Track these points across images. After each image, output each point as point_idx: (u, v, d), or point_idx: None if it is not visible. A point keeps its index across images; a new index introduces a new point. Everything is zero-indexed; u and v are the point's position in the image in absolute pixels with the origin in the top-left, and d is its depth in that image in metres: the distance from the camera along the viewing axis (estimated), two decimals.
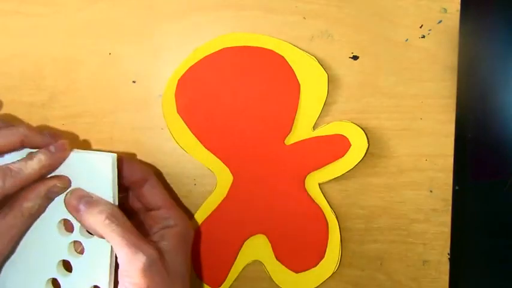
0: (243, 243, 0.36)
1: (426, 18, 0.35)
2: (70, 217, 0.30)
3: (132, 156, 0.36)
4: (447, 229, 0.36)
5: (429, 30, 0.35)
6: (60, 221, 0.31)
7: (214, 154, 0.35)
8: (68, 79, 0.36)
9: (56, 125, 0.36)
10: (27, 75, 0.36)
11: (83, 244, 0.31)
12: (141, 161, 0.36)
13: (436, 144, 0.36)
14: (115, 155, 0.30)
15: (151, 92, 0.36)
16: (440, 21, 0.35)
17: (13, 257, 0.31)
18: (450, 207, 0.36)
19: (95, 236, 0.30)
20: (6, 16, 0.36)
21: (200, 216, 0.36)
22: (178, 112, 0.35)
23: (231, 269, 0.36)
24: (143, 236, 0.30)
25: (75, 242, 0.31)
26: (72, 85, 0.36)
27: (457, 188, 0.37)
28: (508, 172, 0.41)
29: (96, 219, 0.29)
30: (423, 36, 0.35)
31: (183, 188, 0.37)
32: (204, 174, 0.36)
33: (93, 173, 0.30)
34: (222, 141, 0.35)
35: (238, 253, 0.36)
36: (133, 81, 0.36)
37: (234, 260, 0.36)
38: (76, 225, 0.31)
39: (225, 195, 0.36)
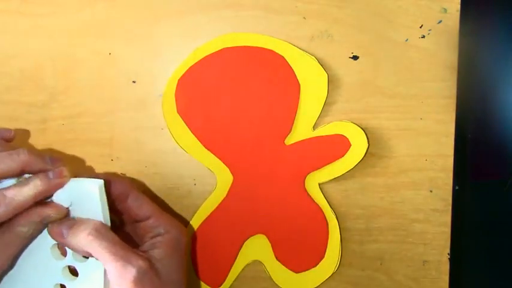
0: (243, 243, 0.36)
1: (426, 18, 0.35)
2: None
3: (111, 174, 0.36)
4: (447, 229, 0.36)
5: (429, 30, 0.35)
6: (53, 246, 0.31)
7: (214, 154, 0.35)
8: (68, 79, 0.36)
9: (56, 125, 0.36)
10: (27, 75, 0.36)
11: (77, 268, 0.31)
12: (119, 176, 0.36)
13: (436, 144, 0.36)
14: (102, 181, 0.30)
15: (151, 92, 0.36)
16: (440, 21, 0.35)
17: (12, 275, 0.31)
18: (450, 207, 0.36)
19: (88, 260, 0.30)
20: (6, 16, 0.36)
21: (200, 216, 0.36)
22: (178, 112, 0.35)
23: (231, 269, 0.36)
24: (134, 247, 0.30)
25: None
26: (72, 85, 0.36)
27: (457, 188, 0.37)
28: (508, 172, 0.41)
29: (80, 237, 0.29)
30: (423, 36, 0.35)
31: (183, 188, 0.37)
32: (204, 174, 0.36)
33: (82, 199, 0.30)
34: (222, 141, 0.35)
35: (238, 253, 0.36)
36: (133, 81, 0.36)
37: (234, 260, 0.36)
38: (69, 249, 0.31)
39: (225, 195, 0.36)
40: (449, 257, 0.36)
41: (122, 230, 0.33)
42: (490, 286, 0.42)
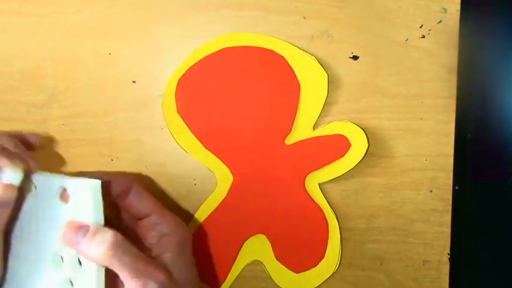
0: (243, 243, 0.36)
1: (426, 18, 0.35)
2: (59, 251, 0.30)
3: (114, 172, 0.36)
4: (447, 229, 0.36)
5: (429, 30, 0.35)
6: (53, 255, 0.30)
7: (214, 154, 0.35)
8: (68, 79, 0.36)
9: (56, 125, 0.36)
10: (27, 75, 0.36)
11: (72, 279, 0.30)
12: (120, 172, 0.36)
13: (436, 144, 0.36)
14: (99, 182, 0.29)
15: (151, 92, 0.36)
16: (440, 21, 0.35)
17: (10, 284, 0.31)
18: (450, 207, 0.36)
19: (81, 268, 0.29)
20: (6, 16, 0.36)
21: (200, 216, 0.36)
22: (178, 112, 0.35)
23: (231, 269, 0.36)
24: (138, 248, 0.29)
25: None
26: (72, 85, 0.36)
27: (457, 188, 0.37)
28: (508, 172, 0.41)
29: (98, 251, 0.28)
30: (423, 36, 0.35)
31: (183, 188, 0.37)
32: (204, 174, 0.36)
33: (78, 198, 0.29)
34: (222, 141, 0.35)
35: (238, 253, 0.36)
36: (134, 81, 0.36)
37: (234, 260, 0.36)
38: (65, 258, 0.30)
39: (225, 195, 0.36)
40: (449, 257, 0.36)
41: (121, 228, 0.33)
42: (490, 286, 0.42)
